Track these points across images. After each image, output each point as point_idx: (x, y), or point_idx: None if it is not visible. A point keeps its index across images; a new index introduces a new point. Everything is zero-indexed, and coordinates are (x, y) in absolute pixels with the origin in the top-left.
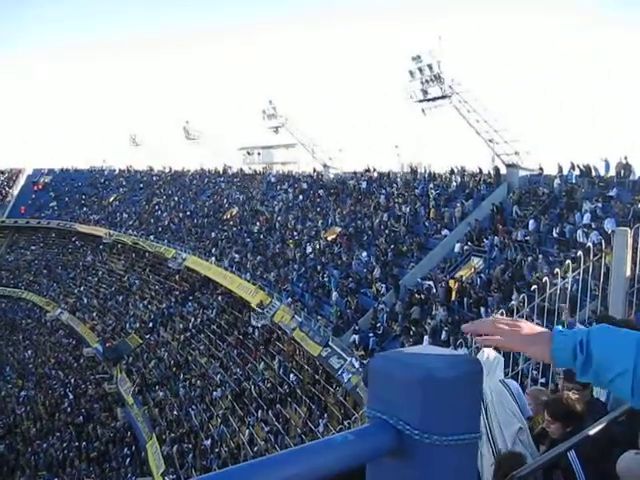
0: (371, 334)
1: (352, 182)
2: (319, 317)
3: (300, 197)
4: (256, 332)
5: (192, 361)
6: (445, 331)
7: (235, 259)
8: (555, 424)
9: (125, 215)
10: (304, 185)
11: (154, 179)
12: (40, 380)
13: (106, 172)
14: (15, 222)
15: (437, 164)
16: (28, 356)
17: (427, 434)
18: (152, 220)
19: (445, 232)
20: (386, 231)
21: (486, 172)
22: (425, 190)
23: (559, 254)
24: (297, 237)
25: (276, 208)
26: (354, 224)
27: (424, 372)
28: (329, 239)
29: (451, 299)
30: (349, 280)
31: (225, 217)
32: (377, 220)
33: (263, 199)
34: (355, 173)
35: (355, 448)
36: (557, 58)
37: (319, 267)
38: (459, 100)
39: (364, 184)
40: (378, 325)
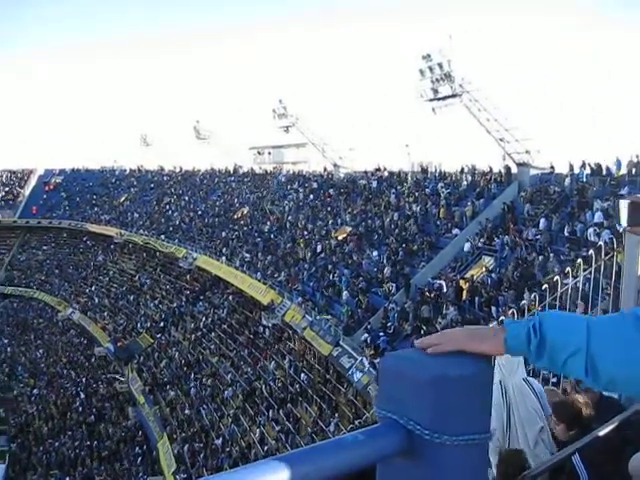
0: (382, 333)
1: (362, 181)
2: (330, 316)
3: (311, 196)
4: (267, 331)
5: (203, 360)
6: None
7: (246, 259)
8: (560, 426)
9: (136, 215)
10: (314, 184)
11: (165, 179)
12: (52, 379)
13: (117, 172)
14: (27, 222)
15: (447, 163)
16: (40, 355)
17: (437, 434)
18: (163, 220)
19: (456, 231)
20: (396, 230)
21: (497, 171)
22: (435, 189)
23: (570, 253)
24: (308, 236)
25: (287, 207)
26: (364, 223)
27: (434, 372)
28: (339, 238)
29: (462, 298)
30: (360, 279)
31: (236, 217)
32: (388, 219)
33: (274, 199)
34: (365, 172)
35: (365, 448)
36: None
37: (330, 266)
38: (469, 99)
39: (374, 183)
40: (389, 324)
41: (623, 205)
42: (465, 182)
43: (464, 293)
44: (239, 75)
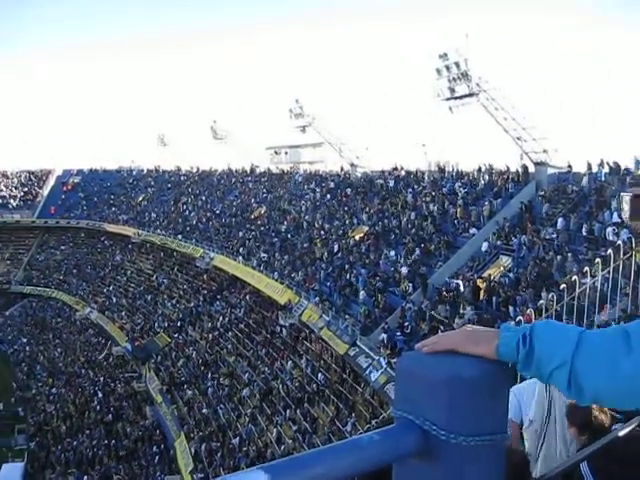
0: (399, 333)
1: (379, 181)
2: (347, 316)
3: (327, 196)
4: (284, 331)
5: (220, 360)
6: None
7: (263, 258)
8: (572, 429)
9: (153, 215)
10: (331, 184)
11: (182, 179)
12: (70, 378)
13: (134, 172)
14: (45, 222)
15: (465, 162)
16: (58, 355)
17: (454, 434)
18: (180, 220)
19: (473, 230)
20: (413, 230)
21: (514, 170)
22: (453, 188)
23: (588, 252)
24: (324, 236)
25: (303, 207)
26: (381, 223)
27: (451, 371)
28: (356, 238)
29: (479, 298)
30: (377, 279)
31: (253, 216)
32: (405, 219)
33: (290, 198)
34: (382, 172)
35: (381, 448)
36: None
37: (346, 266)
38: (486, 98)
39: (391, 183)
40: (406, 324)
41: (626, 199)
42: (482, 181)
43: (481, 293)
44: (256, 75)
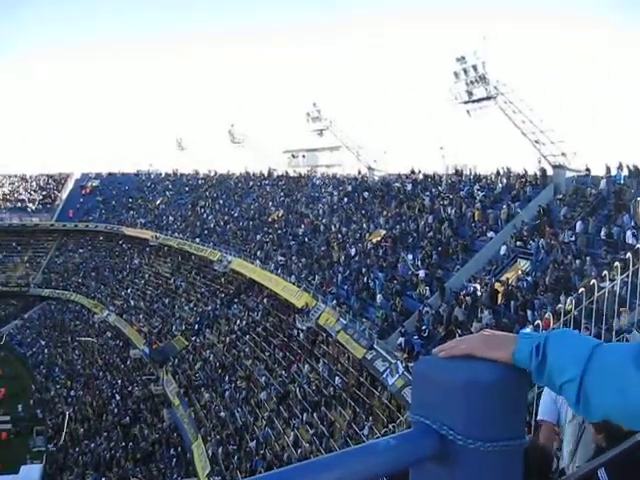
0: (416, 337)
1: (397, 184)
2: (364, 320)
3: (345, 199)
4: (301, 334)
5: (237, 363)
6: None
7: (280, 262)
8: (589, 426)
9: (171, 218)
10: (349, 187)
11: (200, 182)
12: (88, 381)
13: (152, 176)
14: (64, 226)
15: (482, 165)
16: (76, 357)
17: (471, 439)
18: (198, 223)
19: (491, 234)
20: (431, 233)
21: (532, 173)
22: (470, 192)
23: (607, 256)
24: (342, 239)
25: (321, 211)
26: (399, 226)
27: (468, 376)
28: (374, 241)
29: (497, 302)
30: (394, 282)
31: (270, 220)
32: (422, 222)
33: (308, 202)
34: (400, 175)
35: (398, 453)
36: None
37: (364, 269)
38: (504, 101)
39: (409, 186)
40: (423, 328)
41: (637, 204)
42: (500, 185)
43: (499, 296)
44: (274, 79)
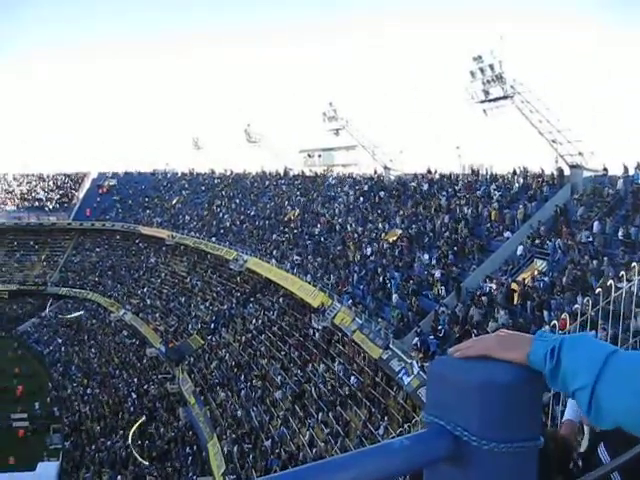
0: (432, 337)
1: (413, 184)
2: (380, 319)
3: (361, 199)
4: (317, 334)
5: (253, 362)
6: None
7: (296, 261)
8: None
9: (187, 217)
10: (365, 187)
11: (216, 182)
12: (104, 379)
13: (169, 175)
14: (81, 224)
15: (499, 165)
16: (93, 356)
17: (485, 440)
18: (214, 222)
19: (507, 234)
20: (447, 233)
21: (549, 173)
22: (487, 191)
23: (624, 256)
24: (358, 239)
25: (337, 210)
26: (415, 226)
27: (483, 377)
28: (390, 241)
29: (513, 302)
30: (410, 282)
31: (286, 219)
32: (438, 222)
33: (324, 201)
34: (416, 175)
35: (412, 453)
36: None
37: (380, 269)
38: (521, 100)
39: (425, 186)
40: (439, 328)
41: None
42: (517, 184)
43: (516, 297)
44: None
